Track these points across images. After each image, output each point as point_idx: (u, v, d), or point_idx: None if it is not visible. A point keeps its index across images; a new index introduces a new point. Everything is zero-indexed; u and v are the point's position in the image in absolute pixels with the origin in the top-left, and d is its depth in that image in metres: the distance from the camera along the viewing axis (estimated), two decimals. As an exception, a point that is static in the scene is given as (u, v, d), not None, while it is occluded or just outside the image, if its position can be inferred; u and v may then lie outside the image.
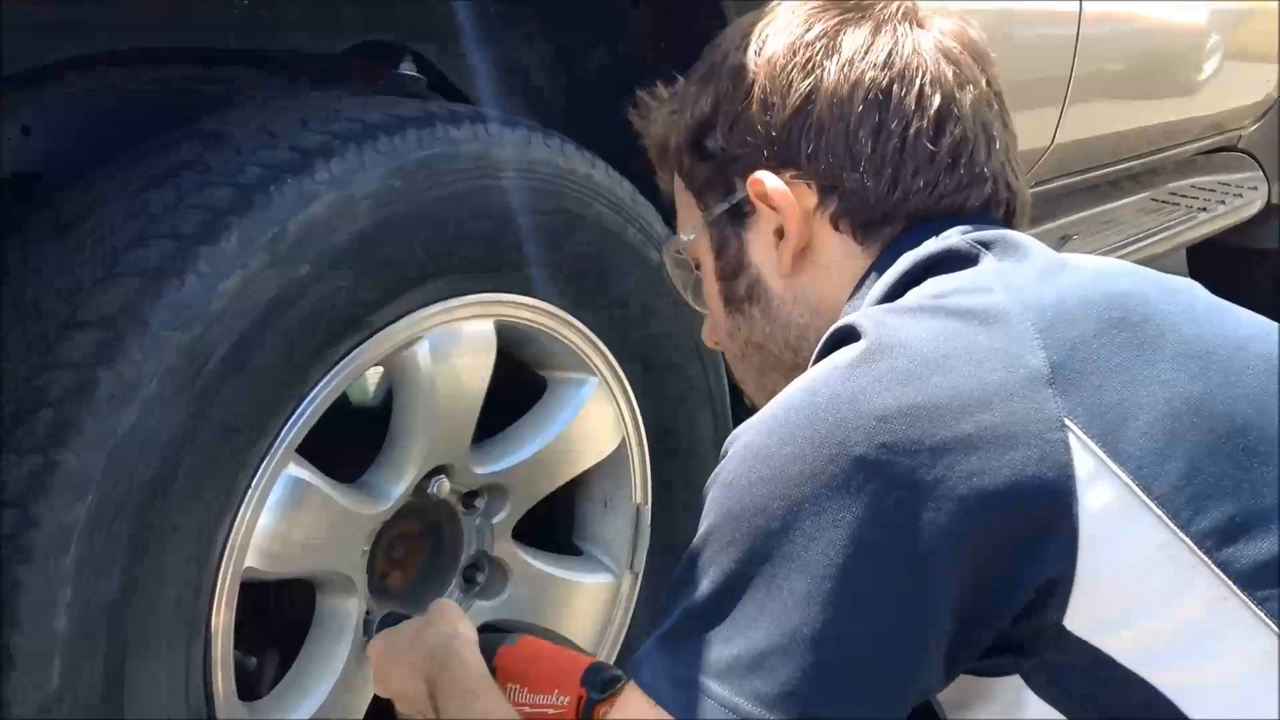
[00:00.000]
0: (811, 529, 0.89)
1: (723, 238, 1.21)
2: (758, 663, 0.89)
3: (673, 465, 1.90)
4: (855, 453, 0.90)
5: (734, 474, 0.94)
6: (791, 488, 0.91)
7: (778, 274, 1.18)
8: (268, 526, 1.44)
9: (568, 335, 1.72)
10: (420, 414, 1.59)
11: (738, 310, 1.22)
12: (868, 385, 0.93)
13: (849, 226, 1.15)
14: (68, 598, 1.26)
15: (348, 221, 1.38)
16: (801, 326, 1.19)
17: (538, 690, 1.33)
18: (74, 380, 1.26)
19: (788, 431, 0.93)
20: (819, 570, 0.89)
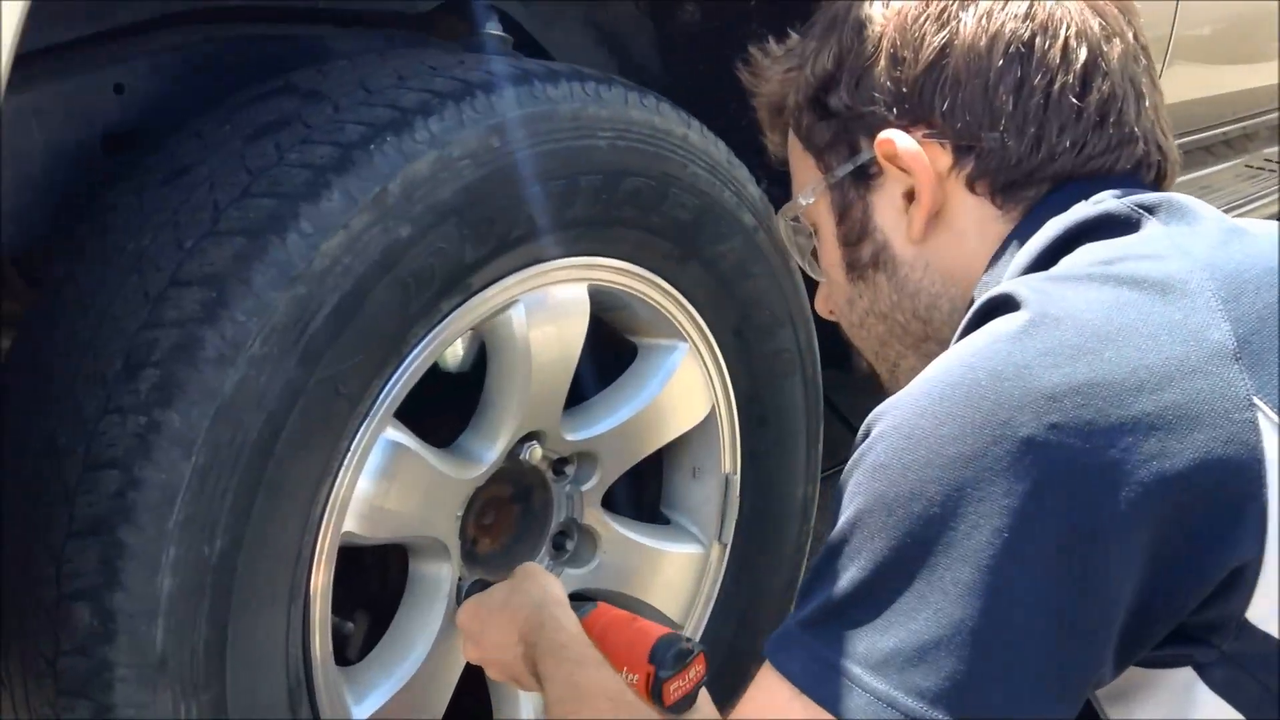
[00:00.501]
0: (975, 516, 0.84)
1: (845, 201, 1.16)
2: (919, 656, 0.84)
3: (762, 434, 1.87)
4: (1022, 434, 0.84)
5: (885, 457, 0.88)
6: (952, 471, 0.85)
7: (907, 240, 1.12)
8: (366, 490, 1.42)
9: (660, 300, 1.69)
10: (514, 379, 1.56)
11: (860, 278, 1.17)
12: (1034, 360, 0.87)
13: (986, 189, 1.08)
14: (172, 559, 1.25)
15: (448, 180, 1.36)
16: (933, 295, 1.13)
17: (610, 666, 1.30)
18: (178, 339, 1.25)
19: (945, 411, 0.87)
20: (984, 559, 0.83)
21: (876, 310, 1.17)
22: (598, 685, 1.19)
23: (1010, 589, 0.83)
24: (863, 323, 1.20)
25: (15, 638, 1.31)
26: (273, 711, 1.39)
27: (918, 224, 1.10)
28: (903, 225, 1.12)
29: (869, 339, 1.21)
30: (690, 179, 1.60)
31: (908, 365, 1.18)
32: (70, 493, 1.25)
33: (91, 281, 1.32)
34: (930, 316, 1.14)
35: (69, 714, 1.28)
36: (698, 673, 1.30)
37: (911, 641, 0.84)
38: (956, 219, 1.10)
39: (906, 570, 0.85)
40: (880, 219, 1.14)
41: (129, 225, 1.34)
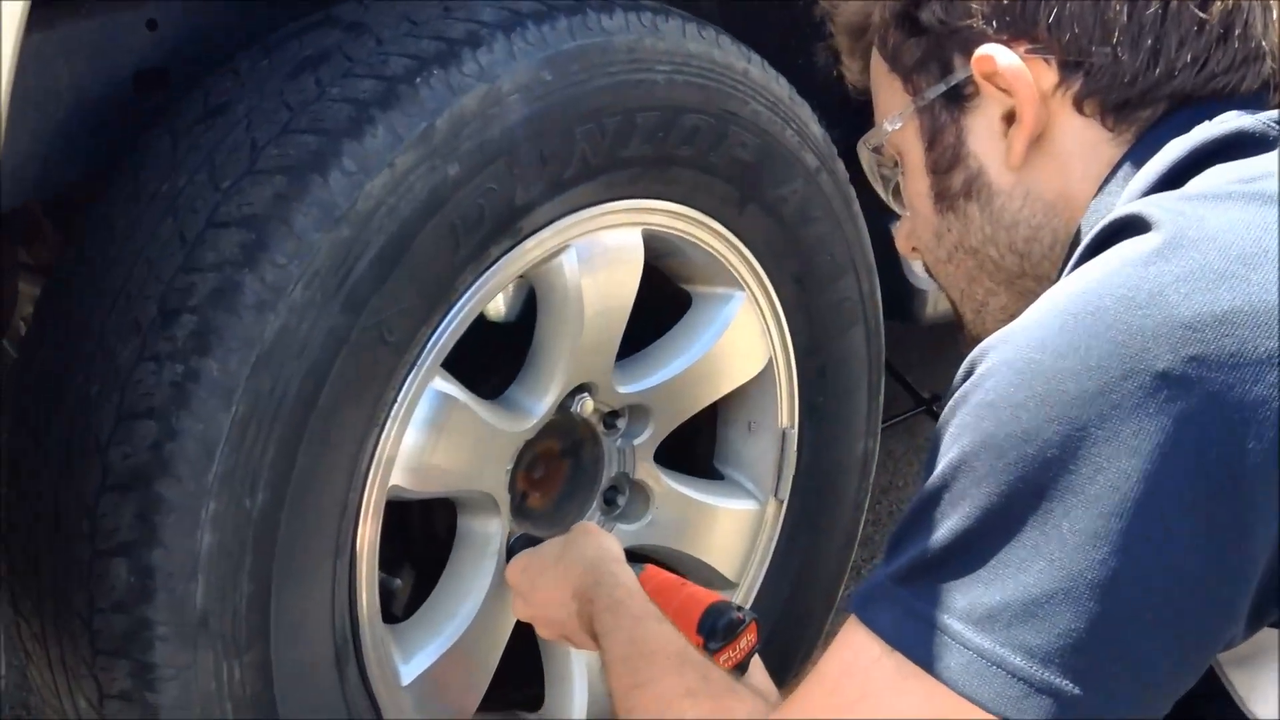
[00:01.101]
0: (1100, 457, 0.76)
1: (936, 125, 1.07)
2: (1029, 611, 0.77)
3: (822, 386, 1.79)
4: (1158, 367, 0.76)
5: (994, 394, 0.80)
6: (1074, 409, 0.77)
7: (1004, 166, 1.03)
8: (414, 443, 1.37)
9: (716, 246, 1.61)
10: (565, 328, 1.50)
11: (950, 209, 1.07)
12: (1169, 285, 0.78)
13: (1096, 109, 0.99)
14: (211, 514, 1.20)
15: (498, 117, 1.29)
16: (1033, 228, 1.04)
17: None
18: (216, 284, 1.19)
19: (1066, 342, 0.79)
20: (1109, 505, 0.76)
21: (966, 244, 1.08)
22: (661, 641, 1.12)
23: (1137, 539, 0.76)
24: (950, 258, 1.11)
25: (49, 595, 1.27)
26: (318, 672, 1.34)
27: (1018, 148, 1.02)
28: (1000, 151, 1.04)
29: (956, 275, 1.12)
30: (751, 116, 1.52)
31: (998, 304, 1.10)
32: (104, 444, 1.20)
33: (125, 225, 1.27)
34: (1028, 250, 1.05)
35: (106, 674, 1.24)
36: (749, 642, 1.25)
37: (1021, 595, 0.77)
38: (1061, 143, 1.01)
39: (1017, 517, 0.78)
40: (974, 144, 1.05)
41: (163, 166, 1.28)
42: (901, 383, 2.58)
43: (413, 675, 1.45)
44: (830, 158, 1.64)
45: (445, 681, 1.49)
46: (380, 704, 1.43)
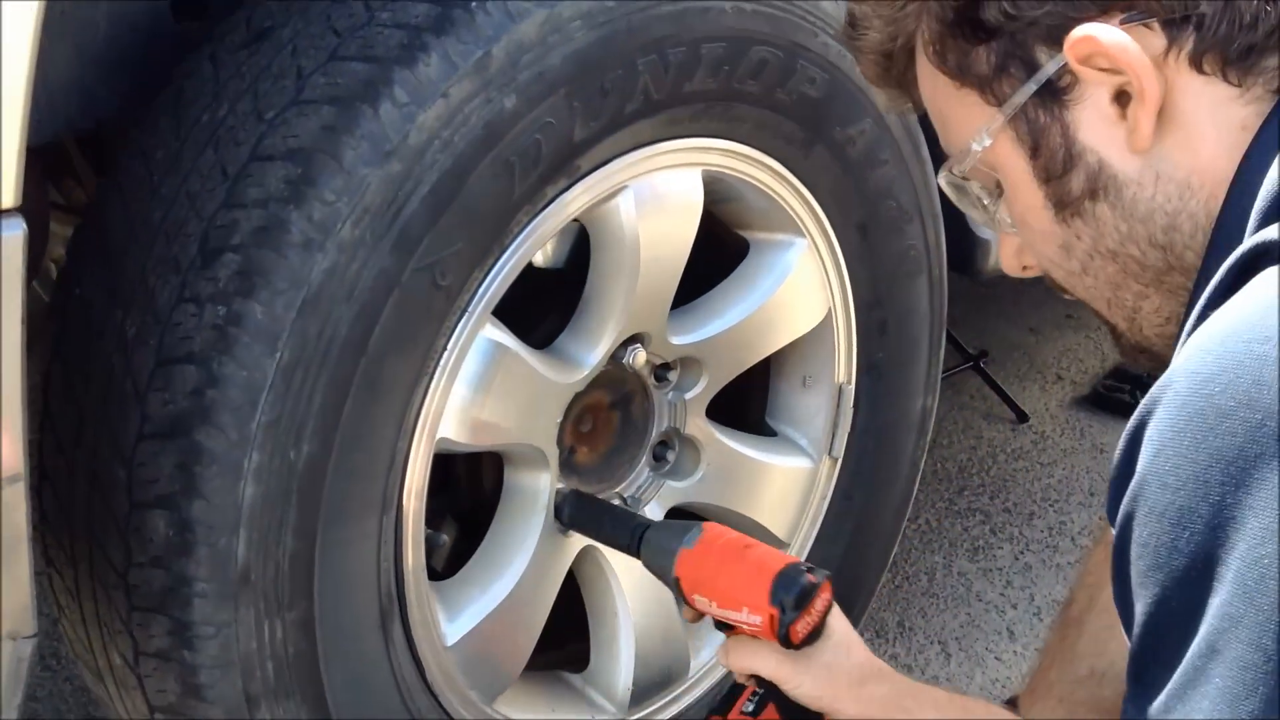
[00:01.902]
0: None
1: (1036, 130, 0.94)
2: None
3: (882, 341, 1.72)
4: None
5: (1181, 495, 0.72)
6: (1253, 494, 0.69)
7: (1128, 151, 0.92)
8: (463, 394, 1.30)
9: (778, 190, 1.54)
10: (621, 275, 1.43)
11: (1076, 214, 0.95)
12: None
13: (1217, 64, 0.89)
14: (254, 465, 1.15)
15: (558, 45, 1.21)
16: (1169, 214, 0.93)
17: (726, 605, 1.21)
18: (260, 221, 1.12)
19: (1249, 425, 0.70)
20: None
21: (1103, 249, 0.96)
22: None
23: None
24: (1086, 269, 0.98)
25: (84, 547, 1.21)
26: (363, 630, 1.29)
27: (1145, 128, 0.90)
28: (1118, 137, 0.92)
29: (1098, 286, 0.99)
30: (820, 50, 1.44)
31: (1151, 308, 0.98)
32: (142, 390, 1.14)
33: (164, 159, 1.21)
34: (1170, 242, 0.94)
35: (143, 630, 1.18)
36: (824, 602, 1.20)
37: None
38: (1184, 111, 0.91)
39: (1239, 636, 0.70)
40: (1087, 138, 0.93)
41: (204, 96, 1.21)
42: (948, 338, 2.51)
43: (458, 635, 1.41)
44: (900, 97, 1.55)
45: (491, 641, 1.45)
46: (425, 664, 1.38)
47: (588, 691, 1.60)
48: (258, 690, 1.21)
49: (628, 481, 1.60)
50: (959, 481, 2.54)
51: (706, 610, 1.23)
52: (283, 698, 1.23)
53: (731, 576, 1.21)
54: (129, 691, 1.27)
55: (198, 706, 1.21)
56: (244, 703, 1.21)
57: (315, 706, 1.26)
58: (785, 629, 1.17)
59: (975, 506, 2.46)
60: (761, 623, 1.18)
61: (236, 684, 1.20)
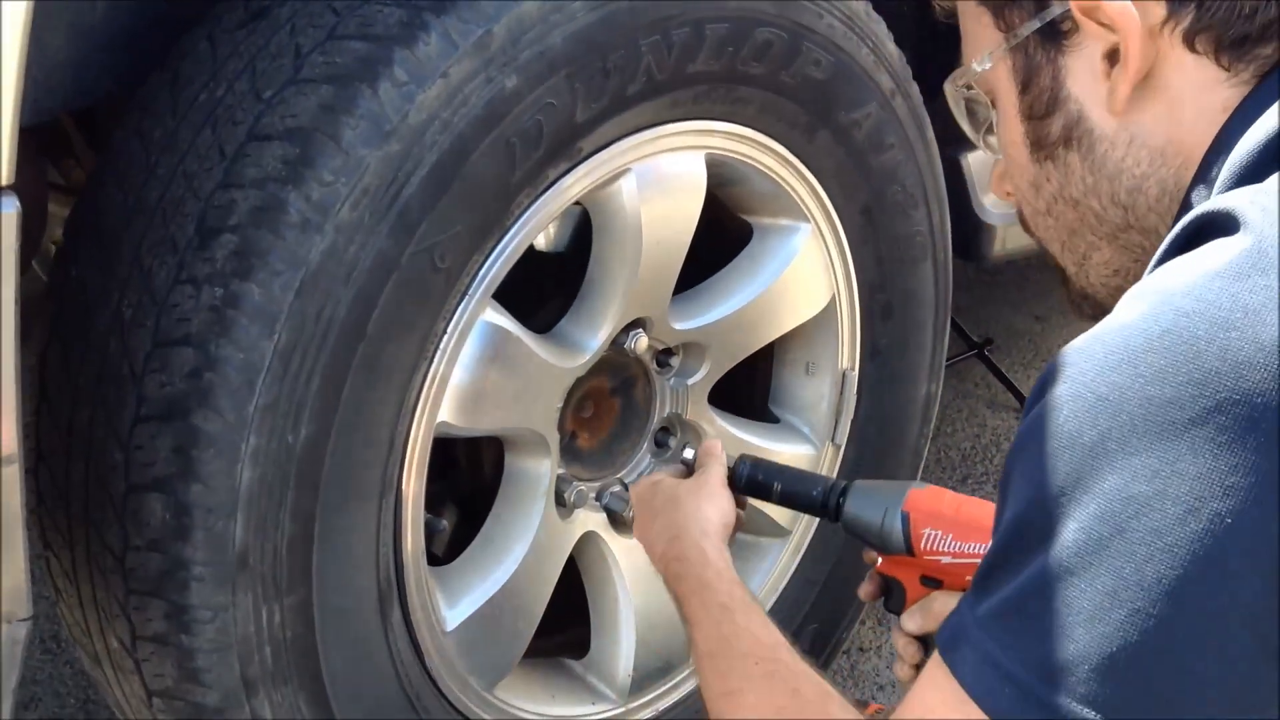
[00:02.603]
0: (1191, 498, 0.70)
1: (1031, 66, 0.97)
2: (1106, 665, 0.72)
3: (886, 327, 1.71)
4: (1255, 398, 0.70)
5: (1076, 422, 0.74)
6: (1164, 442, 0.71)
7: (1107, 110, 0.94)
8: (463, 377, 1.29)
9: (782, 174, 1.52)
10: (623, 259, 1.42)
11: (1049, 157, 0.99)
12: (1263, 304, 0.72)
13: (1210, 46, 0.90)
14: (252, 448, 1.13)
15: (560, 24, 1.20)
16: (1136, 178, 0.95)
17: (967, 538, 1.17)
18: (258, 201, 1.11)
19: (1153, 367, 0.73)
20: (1200, 551, 0.70)
21: (1067, 195, 1.00)
22: (750, 642, 1.06)
23: (1228, 590, 0.70)
24: (1050, 210, 1.02)
25: (81, 530, 1.20)
26: (361, 615, 1.28)
27: (1122, 91, 0.93)
28: (1102, 93, 0.95)
29: (1056, 229, 1.03)
30: (826, 32, 1.42)
31: (1100, 259, 1.02)
32: (139, 372, 1.13)
33: (160, 137, 1.19)
34: (1132, 202, 0.97)
35: (140, 614, 1.17)
36: None
37: (1098, 648, 0.72)
38: (1170, 84, 0.92)
39: (1100, 561, 0.72)
40: (1074, 86, 0.96)
41: (201, 74, 1.20)
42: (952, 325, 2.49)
43: (457, 620, 1.40)
44: (905, 80, 1.54)
45: (490, 627, 1.44)
46: (424, 649, 1.37)
47: (588, 678, 1.60)
48: (255, 674, 1.20)
49: (629, 467, 1.59)
50: (963, 469, 2.53)
51: (932, 549, 1.19)
52: (280, 682, 1.22)
53: (972, 512, 1.18)
54: (126, 675, 1.26)
55: (195, 690, 1.20)
56: (241, 687, 1.20)
57: (313, 691, 1.25)
58: None
59: (979, 495, 2.44)
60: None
61: (234, 668, 1.19)
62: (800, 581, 1.75)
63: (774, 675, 1.02)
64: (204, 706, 1.21)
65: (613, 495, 1.56)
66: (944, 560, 1.18)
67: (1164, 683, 0.71)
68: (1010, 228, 1.98)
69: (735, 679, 1.03)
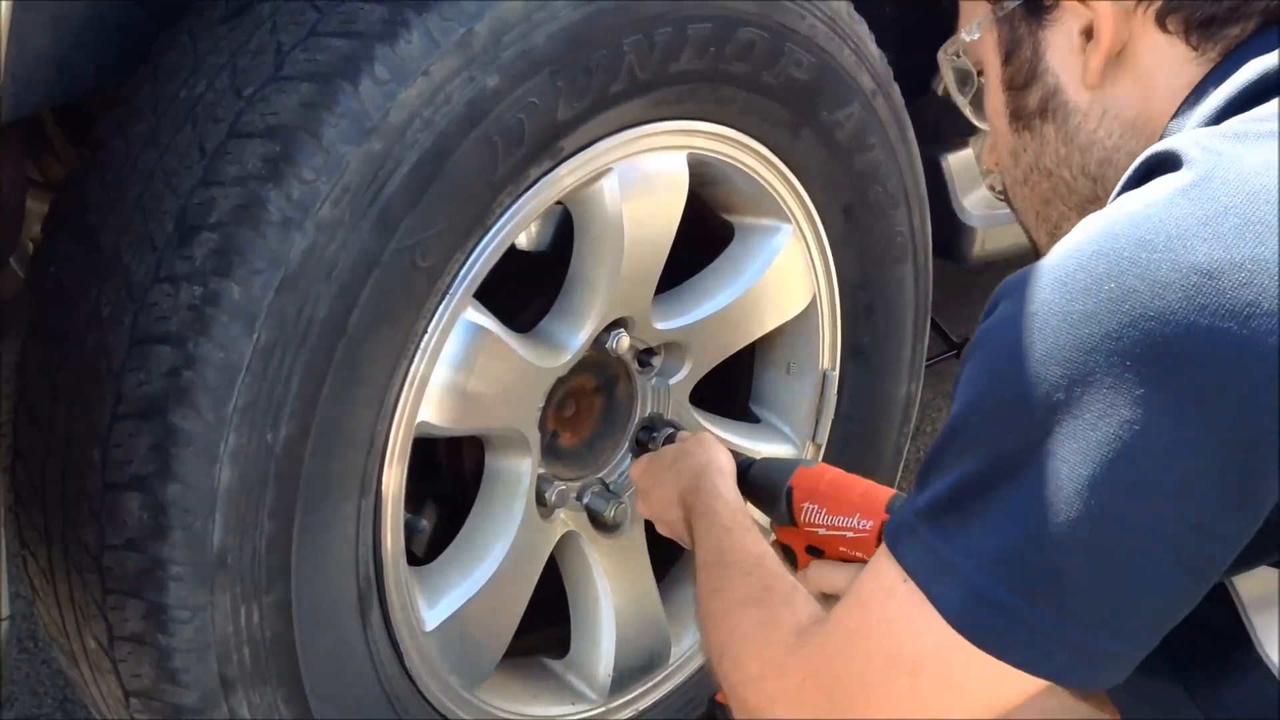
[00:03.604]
0: (1102, 405, 0.75)
1: (1015, 38, 1.02)
2: (1029, 553, 0.78)
3: (867, 326, 1.71)
4: (1169, 315, 0.74)
5: (1007, 334, 0.80)
6: (1082, 354, 0.76)
7: (1082, 84, 0.99)
8: (444, 377, 1.29)
9: (764, 174, 1.53)
10: (605, 258, 1.42)
11: (1026, 128, 1.03)
12: (1190, 229, 0.76)
13: (1180, 25, 0.94)
14: (231, 447, 1.13)
15: (543, 23, 1.20)
16: (1107, 149, 0.99)
17: (838, 512, 1.26)
18: (238, 199, 1.11)
19: (1079, 284, 0.77)
20: (1109, 452, 0.75)
21: (1041, 165, 1.04)
22: (739, 553, 1.13)
23: (1135, 489, 0.76)
24: (1026, 179, 1.07)
25: (58, 528, 1.20)
26: (340, 614, 1.28)
27: (1095, 66, 0.97)
28: (1077, 68, 0.99)
29: (1031, 198, 1.08)
30: (808, 32, 1.42)
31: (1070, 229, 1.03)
32: (117, 370, 1.13)
33: (141, 134, 1.19)
34: (1102, 174, 1.01)
35: (117, 614, 1.17)
36: None
37: (1022, 538, 0.78)
38: (1141, 61, 0.97)
39: (1022, 461, 0.78)
40: (1052, 59, 1.01)
41: (182, 71, 1.19)
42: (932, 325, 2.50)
43: (437, 620, 1.39)
44: (887, 80, 1.54)
45: (471, 627, 1.43)
46: (403, 649, 1.36)
47: (568, 677, 1.59)
48: (234, 674, 1.20)
49: (611, 466, 1.59)
50: (943, 469, 2.54)
51: (809, 522, 1.28)
52: (259, 682, 1.22)
53: (848, 489, 1.27)
54: (104, 675, 1.25)
55: (173, 691, 1.19)
56: (220, 687, 1.20)
57: (292, 691, 1.25)
58: None
59: (959, 494, 2.45)
60: (872, 527, 1.22)
61: (212, 668, 1.19)
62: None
63: (751, 574, 1.08)
64: (182, 707, 1.20)
65: (594, 495, 1.56)
66: (820, 531, 1.26)
67: (1087, 574, 0.76)
68: (990, 229, 1.99)
69: (719, 579, 1.11)
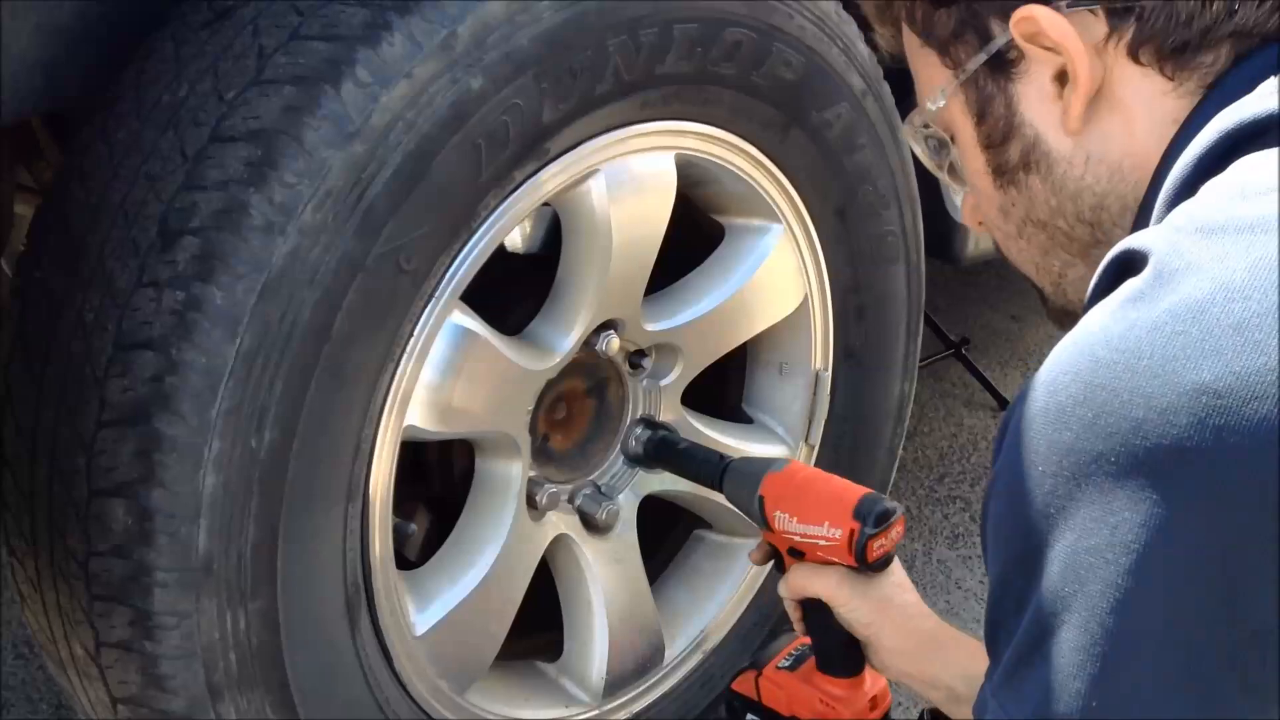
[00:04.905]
0: (1137, 545, 0.72)
1: (983, 97, 0.98)
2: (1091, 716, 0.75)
3: (859, 327, 1.70)
4: (1185, 444, 0.71)
5: (1023, 481, 0.77)
6: (1103, 495, 0.73)
7: (1062, 131, 0.95)
8: (431, 380, 1.28)
9: (754, 175, 1.52)
10: (593, 260, 1.41)
11: (1010, 184, 0.99)
12: (1180, 350, 0.73)
13: (1153, 56, 0.91)
14: (215, 453, 1.12)
15: (526, 25, 1.19)
16: (1098, 194, 0.96)
17: (807, 520, 1.25)
18: (220, 203, 1.10)
19: (1082, 423, 0.74)
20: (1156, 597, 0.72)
21: (1034, 218, 1.00)
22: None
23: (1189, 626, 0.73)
24: (1020, 233, 1.02)
25: (44, 535, 1.19)
26: (328, 620, 1.27)
27: (1076, 109, 0.93)
28: (1055, 115, 0.95)
29: (1029, 250, 1.03)
30: (796, 32, 1.42)
31: (1076, 275, 1.02)
32: (101, 376, 1.12)
33: (124, 139, 1.18)
34: (1098, 219, 0.97)
35: (104, 621, 1.16)
36: (898, 533, 1.25)
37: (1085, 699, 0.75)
38: (1120, 98, 0.93)
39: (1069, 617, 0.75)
40: (1027, 111, 0.97)
41: (164, 76, 1.19)
42: (929, 325, 2.50)
43: (427, 625, 1.39)
44: (877, 80, 1.54)
45: (462, 631, 1.43)
46: (393, 654, 1.36)
47: (561, 681, 1.59)
48: (221, 681, 1.19)
49: (603, 469, 1.59)
50: (939, 469, 2.53)
51: (783, 529, 1.27)
52: (246, 689, 1.21)
53: (817, 494, 1.25)
54: (91, 682, 1.25)
55: (160, 697, 1.19)
56: (207, 694, 1.19)
57: (280, 698, 1.25)
58: (863, 544, 1.21)
59: (955, 494, 2.45)
60: (841, 536, 1.21)
61: (199, 675, 1.18)
62: (776, 581, 1.75)
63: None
64: (169, 713, 1.20)
65: (586, 497, 1.56)
66: (795, 538, 1.26)
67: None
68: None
69: None
